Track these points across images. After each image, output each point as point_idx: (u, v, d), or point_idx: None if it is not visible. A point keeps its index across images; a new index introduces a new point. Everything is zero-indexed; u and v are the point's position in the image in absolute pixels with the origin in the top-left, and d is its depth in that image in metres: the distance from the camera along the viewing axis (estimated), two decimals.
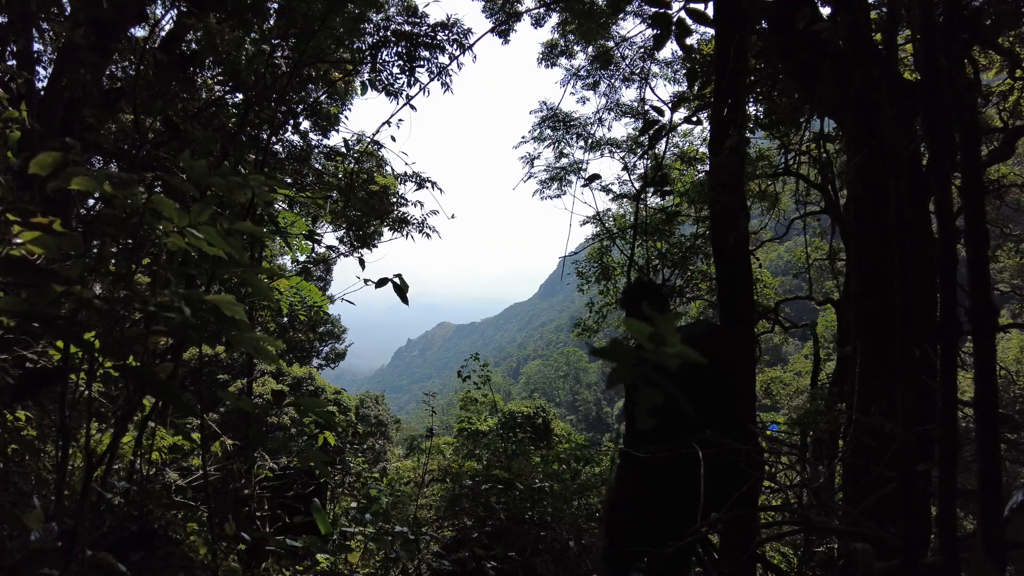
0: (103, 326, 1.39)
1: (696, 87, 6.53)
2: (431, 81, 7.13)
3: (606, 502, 3.11)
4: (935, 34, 1.72)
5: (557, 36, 10.04)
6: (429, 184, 8.67)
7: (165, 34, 6.89)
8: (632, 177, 10.41)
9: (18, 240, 1.54)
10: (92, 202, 6.04)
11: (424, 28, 7.31)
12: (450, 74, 7.11)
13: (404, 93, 7.26)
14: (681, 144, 10.34)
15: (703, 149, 9.83)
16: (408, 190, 9.34)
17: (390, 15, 7.57)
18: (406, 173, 8.93)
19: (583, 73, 10.08)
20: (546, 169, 10.76)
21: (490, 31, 8.39)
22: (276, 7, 6.41)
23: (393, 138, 6.62)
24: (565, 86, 10.12)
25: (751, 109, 7.06)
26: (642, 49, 9.58)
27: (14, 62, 5.21)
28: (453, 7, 8.67)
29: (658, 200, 9.14)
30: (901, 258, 1.69)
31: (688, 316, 10.74)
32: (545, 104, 10.38)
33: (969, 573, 1.58)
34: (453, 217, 8.85)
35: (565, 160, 10.66)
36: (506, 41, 9.19)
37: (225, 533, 2.79)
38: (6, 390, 2.15)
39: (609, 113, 10.06)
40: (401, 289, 2.39)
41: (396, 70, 7.28)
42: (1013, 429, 3.98)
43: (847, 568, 3.13)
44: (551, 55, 10.23)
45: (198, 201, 1.45)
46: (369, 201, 9.12)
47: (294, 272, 7.19)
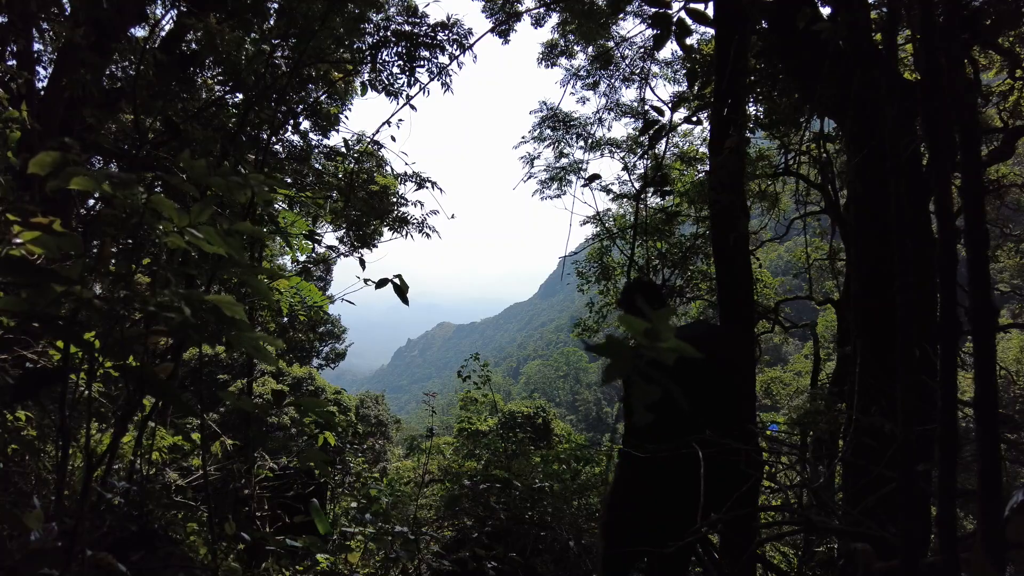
0: (103, 326, 1.39)
1: (696, 87, 6.53)
2: (431, 81, 7.14)
3: (605, 502, 3.11)
4: (935, 34, 1.72)
5: (557, 36, 10.05)
6: (429, 184, 8.68)
7: (165, 34, 6.90)
8: (632, 177, 10.42)
9: (18, 240, 1.54)
10: (92, 202, 6.05)
11: (424, 28, 7.31)
12: (450, 74, 7.12)
13: (404, 93, 7.27)
14: (681, 144, 10.34)
15: (703, 149, 9.83)
16: (408, 190, 9.35)
17: (390, 15, 7.57)
18: (406, 173, 8.94)
19: (583, 73, 10.09)
20: (546, 169, 10.78)
21: (490, 31, 8.39)
22: (276, 7, 6.40)
23: (393, 138, 6.62)
24: (565, 86, 10.13)
25: (751, 109, 7.07)
26: (642, 49, 9.58)
27: (14, 62, 5.22)
28: (453, 7, 8.67)
29: (658, 200, 9.15)
30: (901, 258, 1.69)
31: (688, 316, 10.73)
32: (545, 104, 10.40)
33: (969, 573, 1.58)
34: (453, 217, 8.85)
35: (565, 160, 10.67)
36: (506, 41, 9.20)
37: (225, 533, 2.79)
38: (6, 390, 2.15)
39: (609, 113, 10.07)
40: (401, 290, 2.39)
41: (396, 70, 7.29)
42: (1013, 429, 3.98)
43: (847, 568, 3.13)
44: (551, 55, 10.23)
45: (198, 201, 1.45)
46: (369, 201, 9.13)
47: (294, 272, 7.19)
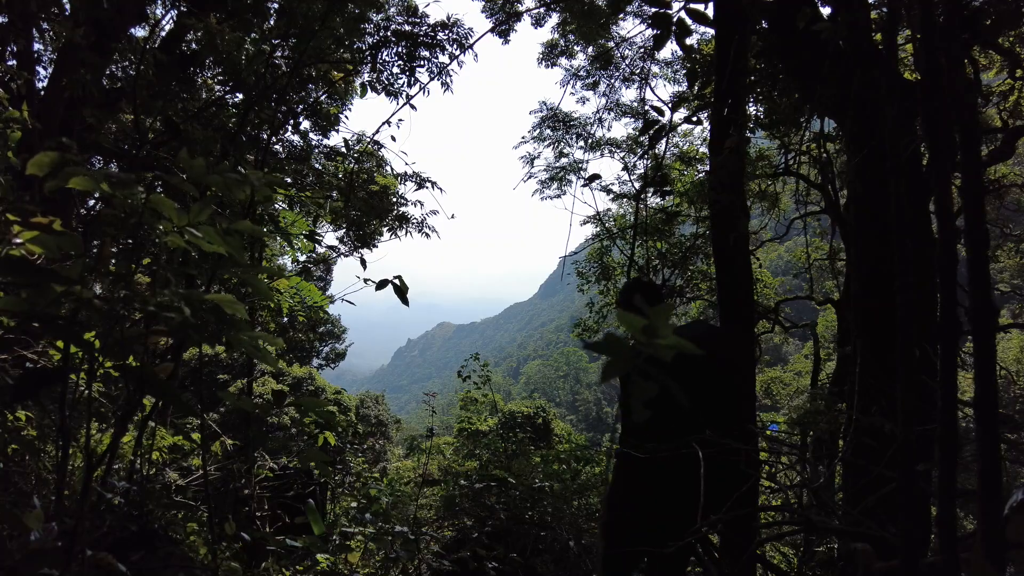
0: (103, 326, 1.39)
1: (696, 87, 6.52)
2: (431, 81, 7.14)
3: (605, 501, 3.11)
4: (935, 34, 1.72)
5: (557, 36, 10.05)
6: (429, 184, 8.68)
7: (165, 34, 6.90)
8: (632, 177, 10.42)
9: (18, 240, 1.54)
10: (92, 202, 6.05)
11: (424, 28, 7.31)
12: (450, 74, 7.12)
13: (404, 93, 7.27)
14: (681, 144, 10.34)
15: (703, 149, 9.83)
16: (408, 190, 9.36)
17: (390, 15, 7.57)
18: (406, 173, 8.94)
19: (583, 73, 10.09)
20: (546, 169, 10.78)
21: (490, 31, 8.39)
22: (276, 7, 6.40)
23: (393, 138, 6.62)
24: (565, 86, 10.13)
25: (751, 109, 7.06)
26: (642, 49, 9.58)
27: (14, 62, 5.22)
28: (453, 7, 8.67)
29: (658, 200, 9.15)
30: (901, 258, 1.69)
31: (688, 316, 10.73)
32: (545, 104, 10.39)
33: (969, 573, 1.58)
34: (453, 217, 8.85)
35: (565, 160, 10.67)
36: (506, 41, 9.19)
37: (225, 533, 2.79)
38: (6, 390, 2.15)
39: (609, 113, 10.07)
40: (401, 290, 2.39)
41: (396, 70, 7.29)
42: (1013, 429, 3.98)
43: (847, 568, 3.13)
44: (551, 55, 10.23)
45: (198, 201, 1.45)
46: (369, 201, 9.13)
47: (294, 272, 7.19)
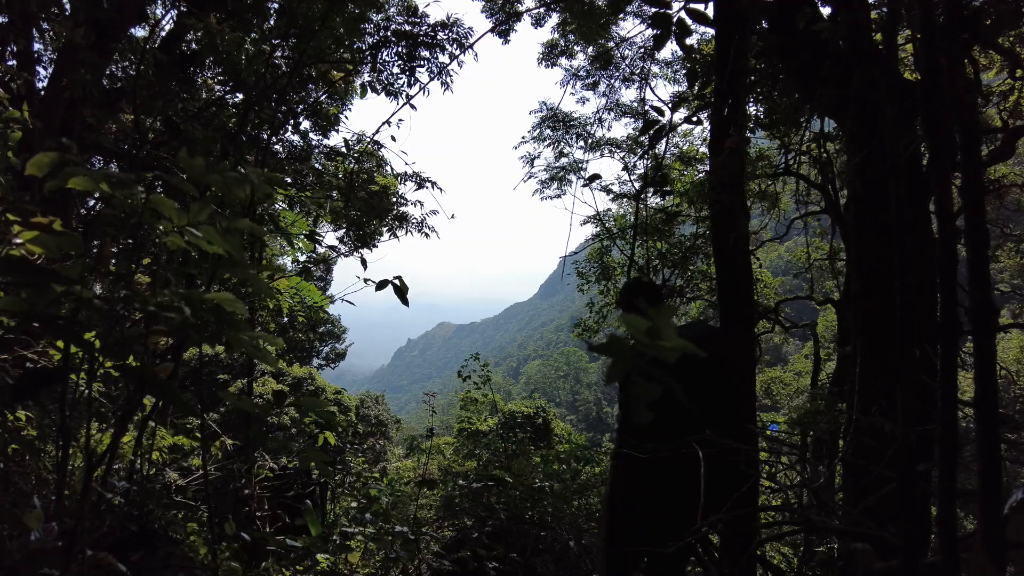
0: (103, 326, 1.39)
1: (696, 87, 6.52)
2: (431, 81, 7.14)
3: (605, 501, 3.11)
4: (935, 34, 1.72)
5: (557, 36, 10.04)
6: (429, 184, 8.68)
7: (165, 34, 6.90)
8: (632, 177, 10.42)
9: (18, 240, 1.54)
10: (92, 202, 6.05)
11: (424, 28, 7.32)
12: (450, 73, 7.12)
13: (404, 93, 7.27)
14: (681, 144, 10.34)
15: (703, 149, 9.83)
16: (408, 190, 9.36)
17: (390, 15, 7.57)
18: (406, 173, 8.94)
19: (583, 73, 10.09)
20: (546, 169, 10.78)
21: (490, 31, 8.39)
22: (276, 7, 6.40)
23: (393, 138, 6.62)
24: (565, 86, 10.13)
25: (751, 109, 7.06)
26: (642, 49, 9.58)
27: (14, 62, 5.22)
28: (453, 7, 8.66)
29: (658, 200, 9.15)
30: (901, 258, 1.69)
31: (688, 316, 10.73)
32: (545, 104, 10.39)
33: (969, 573, 1.58)
34: (453, 217, 8.85)
35: (565, 160, 10.67)
36: (506, 41, 9.19)
37: (225, 533, 2.79)
38: (6, 390, 2.15)
39: (609, 113, 10.07)
40: (401, 291, 2.39)
41: (396, 70, 7.29)
42: (1013, 429, 3.98)
43: (847, 568, 3.13)
44: (551, 55, 10.22)
45: (197, 200, 1.45)
46: (369, 201, 9.13)
47: (294, 272, 7.19)
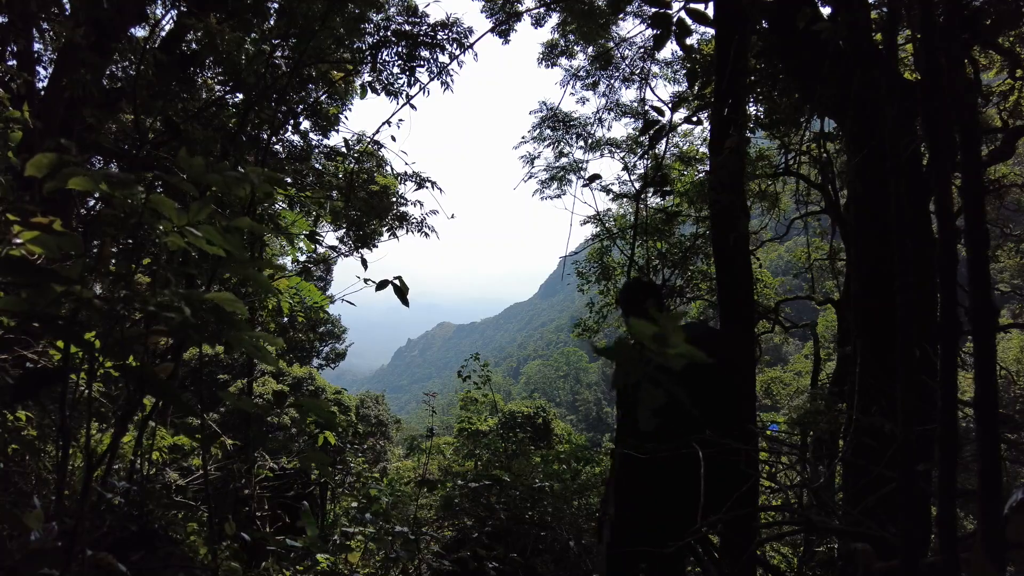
0: (103, 326, 1.39)
1: (696, 87, 6.52)
2: (431, 81, 7.14)
3: (603, 501, 3.11)
4: (935, 34, 1.72)
5: (557, 36, 10.05)
6: (429, 184, 8.68)
7: (165, 34, 6.90)
8: (632, 177, 10.42)
9: (18, 240, 1.54)
10: (92, 202, 6.05)
11: (424, 28, 7.32)
12: (450, 73, 7.12)
13: (404, 93, 7.27)
14: (681, 144, 10.34)
15: (703, 149, 9.83)
16: (408, 190, 9.36)
17: (390, 15, 7.57)
18: (406, 173, 8.94)
19: (583, 74, 10.09)
20: (546, 169, 10.78)
21: (490, 31, 8.39)
22: (276, 7, 6.41)
23: (393, 138, 6.62)
24: (565, 86, 10.14)
25: (751, 109, 7.06)
26: (642, 49, 9.58)
27: (14, 62, 5.22)
28: (453, 7, 8.66)
29: (658, 200, 9.15)
30: (901, 258, 1.69)
31: (688, 316, 10.74)
32: (545, 104, 10.40)
33: (969, 573, 1.58)
34: (453, 217, 8.85)
35: (565, 160, 10.67)
36: (506, 41, 9.19)
37: (225, 533, 2.79)
38: (6, 390, 2.15)
39: (609, 113, 10.07)
40: (401, 291, 2.39)
41: (396, 70, 7.30)
42: (1013, 429, 3.98)
43: (847, 568, 3.13)
44: (551, 55, 10.23)
45: (197, 200, 1.45)
46: (369, 201, 9.13)
47: (294, 272, 7.19)
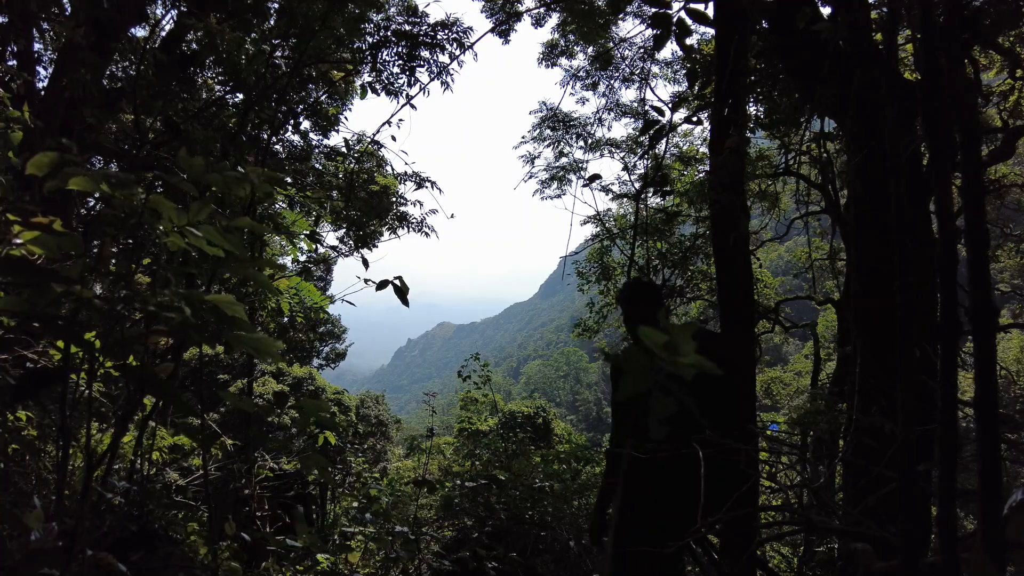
0: (103, 326, 1.39)
1: (696, 87, 6.52)
2: (431, 81, 7.14)
3: (614, 502, 3.09)
4: (935, 34, 1.72)
5: (557, 36, 10.04)
6: (429, 184, 8.69)
7: (165, 34, 6.90)
8: (632, 177, 10.42)
9: (18, 240, 1.54)
10: (92, 202, 6.05)
11: (424, 28, 7.32)
12: (450, 73, 7.12)
13: (404, 93, 7.27)
14: (681, 144, 10.34)
15: (703, 149, 9.83)
16: (408, 190, 9.37)
17: (390, 15, 7.57)
18: (406, 172, 8.95)
19: (583, 74, 10.09)
20: (546, 169, 10.78)
21: (490, 31, 8.39)
22: (276, 7, 6.41)
23: (393, 138, 6.63)
24: (565, 87, 10.13)
25: (751, 109, 7.06)
26: (642, 49, 9.58)
27: (14, 62, 5.22)
28: (453, 7, 8.66)
29: (658, 200, 9.15)
30: (901, 258, 1.69)
31: (688, 316, 10.74)
32: (545, 104, 10.39)
33: (969, 573, 1.58)
34: (453, 217, 8.84)
35: (565, 160, 10.67)
36: (506, 41, 9.19)
37: (225, 533, 2.79)
38: (6, 390, 2.15)
39: (609, 113, 10.07)
40: (401, 291, 2.39)
41: (396, 70, 7.29)
42: (1013, 429, 3.98)
43: (847, 568, 3.13)
44: (551, 55, 10.22)
45: (197, 200, 1.45)
46: (369, 201, 9.14)
47: (294, 272, 7.20)
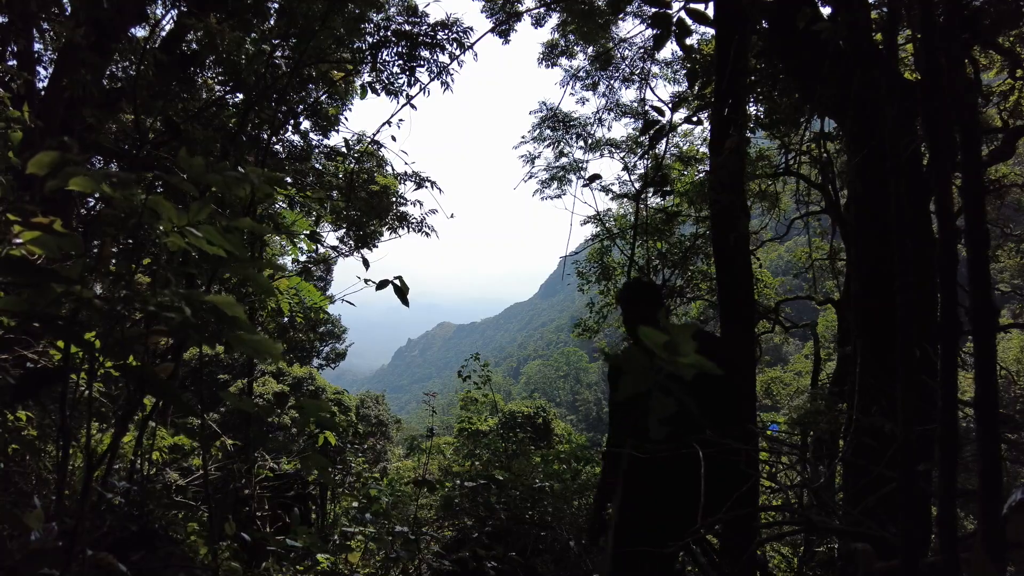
0: (103, 326, 1.39)
1: (696, 87, 6.52)
2: (431, 81, 7.14)
3: (614, 502, 3.09)
4: (935, 34, 1.72)
5: (557, 36, 10.05)
6: (429, 184, 8.69)
7: (165, 34, 6.90)
8: (632, 177, 10.43)
9: (18, 240, 1.54)
10: (92, 202, 6.05)
11: (424, 28, 7.32)
12: (450, 73, 7.12)
13: (404, 93, 7.27)
14: (681, 144, 10.35)
15: (703, 149, 9.84)
16: (408, 190, 9.37)
17: (390, 15, 7.57)
18: (406, 172, 8.95)
19: (583, 74, 10.10)
20: (546, 169, 10.79)
21: (490, 31, 8.39)
22: (276, 7, 6.41)
23: (393, 138, 6.62)
24: (565, 87, 10.14)
25: (751, 109, 7.06)
26: (642, 49, 9.59)
27: (14, 62, 5.22)
28: (453, 7, 8.66)
29: (658, 200, 9.15)
30: (901, 258, 1.69)
31: (688, 316, 10.74)
32: (545, 104, 10.40)
33: (969, 573, 1.58)
34: (453, 217, 8.84)
35: (565, 160, 10.68)
36: (506, 41, 9.19)
37: (225, 533, 2.79)
38: (6, 390, 2.15)
39: (609, 113, 10.08)
40: (401, 291, 2.39)
41: (396, 70, 7.29)
42: (1013, 429, 3.98)
43: (847, 568, 3.13)
44: (551, 55, 10.23)
45: (197, 200, 1.45)
46: (369, 201, 9.14)
47: (294, 272, 7.19)
